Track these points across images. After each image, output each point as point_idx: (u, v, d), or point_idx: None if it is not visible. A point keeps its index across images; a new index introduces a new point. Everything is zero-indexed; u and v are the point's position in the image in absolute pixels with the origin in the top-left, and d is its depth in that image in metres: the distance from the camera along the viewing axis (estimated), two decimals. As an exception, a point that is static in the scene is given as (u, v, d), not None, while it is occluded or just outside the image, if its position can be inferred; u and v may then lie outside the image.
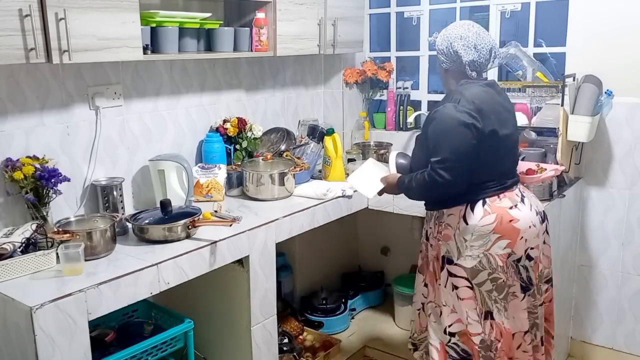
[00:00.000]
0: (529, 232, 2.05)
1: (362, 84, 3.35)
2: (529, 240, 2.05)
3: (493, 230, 2.01)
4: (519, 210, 2.04)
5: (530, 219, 2.06)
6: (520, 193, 2.10)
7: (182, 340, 2.13)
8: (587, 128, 2.55)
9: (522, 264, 2.06)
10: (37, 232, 1.91)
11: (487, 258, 2.02)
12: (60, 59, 1.85)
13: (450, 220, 2.08)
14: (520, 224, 2.03)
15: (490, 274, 2.03)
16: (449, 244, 2.08)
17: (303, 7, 2.74)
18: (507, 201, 2.04)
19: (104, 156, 2.35)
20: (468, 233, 2.03)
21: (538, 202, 2.17)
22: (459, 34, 2.03)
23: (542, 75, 2.73)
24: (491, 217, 2.01)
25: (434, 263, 2.16)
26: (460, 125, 1.93)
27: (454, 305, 2.10)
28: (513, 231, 2.02)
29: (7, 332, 1.70)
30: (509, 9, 2.96)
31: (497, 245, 2.02)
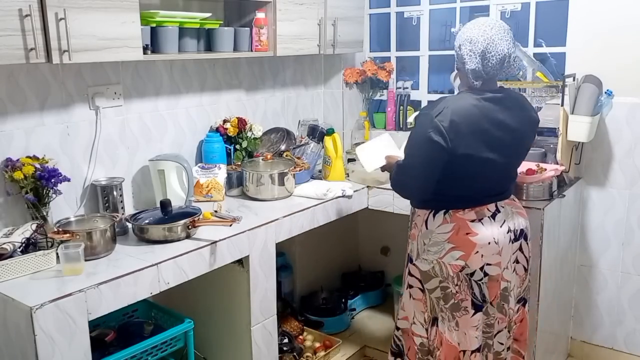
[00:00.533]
0: (487, 248, 1.99)
1: (362, 84, 3.35)
2: (486, 256, 1.99)
3: (447, 239, 2.00)
4: (481, 224, 1.99)
5: (493, 236, 1.99)
6: (495, 208, 2.02)
7: (182, 340, 2.13)
8: (587, 128, 2.55)
9: (475, 278, 2.01)
10: (37, 232, 1.91)
11: (439, 265, 2.02)
12: (60, 59, 1.85)
13: (417, 221, 2.11)
14: (478, 238, 1.98)
15: (441, 282, 2.04)
16: (413, 243, 2.13)
17: (303, 7, 2.74)
18: (471, 214, 2.00)
19: (104, 156, 2.35)
20: (427, 237, 2.05)
21: (520, 221, 2.09)
22: (470, 37, 1.91)
23: (542, 75, 2.73)
24: (448, 227, 2.00)
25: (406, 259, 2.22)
26: (426, 139, 1.89)
27: (404, 303, 2.17)
28: (468, 244, 1.98)
29: (7, 332, 1.70)
30: (509, 9, 2.96)
31: (450, 255, 2.00)
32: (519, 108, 2.02)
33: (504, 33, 1.91)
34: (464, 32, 1.95)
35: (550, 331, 2.69)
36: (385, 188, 2.80)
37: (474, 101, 1.91)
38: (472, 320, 2.03)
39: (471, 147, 1.89)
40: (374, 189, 2.84)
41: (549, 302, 2.58)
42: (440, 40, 3.33)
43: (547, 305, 2.54)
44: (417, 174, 1.97)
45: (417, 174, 1.97)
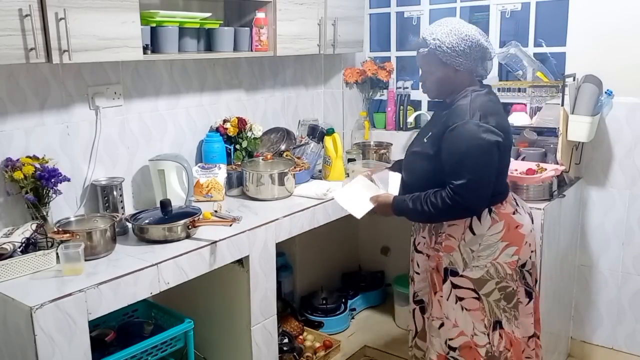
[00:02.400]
0: (531, 236, 2.04)
1: (362, 84, 3.35)
2: (532, 244, 2.04)
3: (501, 238, 1.96)
4: (520, 215, 2.02)
5: (530, 223, 2.06)
6: (512, 197, 2.08)
7: (182, 340, 2.13)
8: (587, 128, 2.55)
9: (527, 268, 2.03)
10: (37, 232, 1.91)
11: (494, 267, 1.97)
12: (60, 59, 1.85)
13: (452, 231, 1.99)
14: (524, 229, 2.01)
15: (498, 282, 1.98)
16: (452, 255, 2.00)
17: (303, 7, 2.74)
18: (509, 207, 2.01)
19: (104, 156, 2.35)
20: (475, 243, 1.97)
21: (525, 203, 2.17)
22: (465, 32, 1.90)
23: (542, 75, 2.73)
24: (499, 225, 1.97)
25: (433, 275, 2.08)
26: (488, 145, 1.85)
27: (456, 319, 2.02)
28: (519, 237, 1.99)
29: (7, 332, 1.70)
30: (509, 9, 2.96)
31: (505, 254, 1.97)
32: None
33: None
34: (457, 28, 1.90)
35: (551, 331, 2.68)
36: (385, 188, 2.80)
37: (486, 97, 1.96)
38: (527, 308, 2.04)
39: (510, 137, 1.97)
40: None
41: (549, 302, 2.58)
42: (440, 40, 3.32)
43: (547, 305, 2.54)
44: (488, 182, 1.89)
45: (488, 182, 1.89)
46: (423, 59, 1.99)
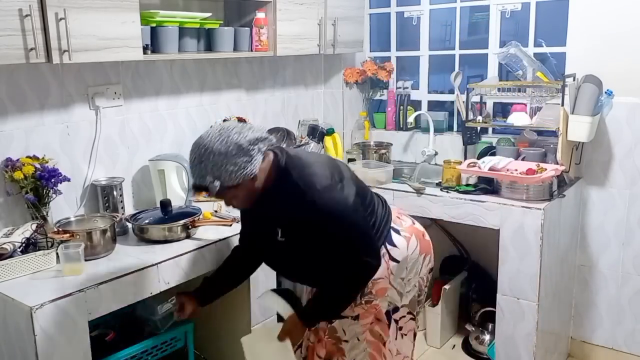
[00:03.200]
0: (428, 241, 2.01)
1: (362, 84, 3.35)
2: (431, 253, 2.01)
3: (419, 252, 1.90)
4: (418, 223, 1.99)
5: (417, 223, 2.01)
6: (398, 209, 2.02)
7: (182, 340, 2.13)
8: (587, 128, 2.54)
9: (432, 274, 2.04)
10: (37, 232, 1.91)
11: (421, 280, 1.94)
12: (60, 59, 1.85)
13: (379, 272, 1.79)
14: (427, 235, 1.99)
15: (419, 295, 1.96)
16: (388, 295, 1.85)
17: (303, 7, 2.74)
18: (406, 219, 1.96)
19: (104, 156, 2.35)
20: (403, 270, 1.85)
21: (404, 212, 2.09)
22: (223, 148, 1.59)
23: (542, 75, 2.73)
24: (414, 240, 1.89)
25: (375, 329, 1.85)
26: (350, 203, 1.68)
27: (398, 348, 1.91)
28: (428, 244, 1.97)
29: (7, 332, 1.70)
30: (509, 9, 2.96)
31: (425, 265, 1.94)
32: None
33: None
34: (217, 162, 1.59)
35: (551, 331, 2.69)
36: (385, 188, 2.80)
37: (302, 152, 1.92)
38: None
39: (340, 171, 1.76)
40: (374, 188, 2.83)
41: (549, 302, 2.58)
42: (440, 40, 3.33)
43: (547, 305, 2.54)
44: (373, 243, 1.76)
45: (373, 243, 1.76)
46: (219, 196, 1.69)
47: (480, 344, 2.87)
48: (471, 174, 2.66)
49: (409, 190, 2.74)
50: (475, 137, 2.99)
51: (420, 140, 3.25)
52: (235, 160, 1.59)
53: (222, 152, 1.58)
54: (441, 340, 2.99)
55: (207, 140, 1.62)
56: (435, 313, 2.95)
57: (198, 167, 1.61)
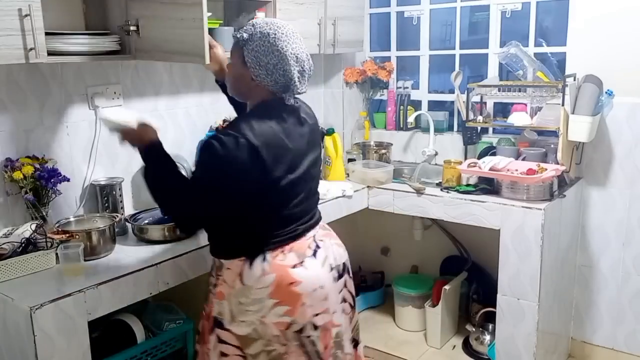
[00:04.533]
0: (314, 297, 1.69)
1: (362, 84, 3.35)
2: (314, 306, 1.70)
3: (269, 295, 1.66)
4: (304, 268, 1.68)
5: (318, 280, 1.70)
6: (315, 241, 1.75)
7: (182, 341, 2.13)
8: (587, 128, 2.54)
9: (305, 334, 1.70)
10: (37, 232, 1.91)
11: (263, 326, 1.68)
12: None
13: (227, 276, 1.70)
14: (302, 287, 1.67)
15: (265, 344, 1.69)
16: (221, 303, 1.72)
17: (303, 7, 2.74)
18: (292, 257, 1.68)
19: (104, 156, 2.34)
20: (244, 295, 1.67)
21: (339, 251, 1.83)
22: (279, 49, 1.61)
23: (542, 75, 2.73)
24: (269, 278, 1.65)
25: (204, 322, 1.80)
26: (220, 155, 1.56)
27: None
28: (293, 296, 1.66)
29: (7, 332, 1.70)
30: (509, 9, 2.96)
31: (274, 313, 1.66)
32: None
33: None
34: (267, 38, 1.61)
35: (551, 331, 2.68)
36: (385, 188, 2.80)
37: (270, 122, 1.65)
38: None
39: (279, 170, 1.63)
40: (374, 189, 2.84)
41: (549, 302, 2.58)
42: (440, 40, 3.32)
43: (547, 305, 2.54)
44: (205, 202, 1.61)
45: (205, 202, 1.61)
46: (232, 46, 1.72)
47: (481, 344, 2.87)
48: (471, 174, 2.66)
49: (409, 190, 2.74)
50: (475, 137, 2.99)
51: (420, 140, 3.24)
52: (265, 59, 1.61)
53: (275, 44, 1.60)
54: (441, 341, 2.99)
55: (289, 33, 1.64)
56: (435, 313, 2.95)
57: (261, 23, 1.65)
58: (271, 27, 1.62)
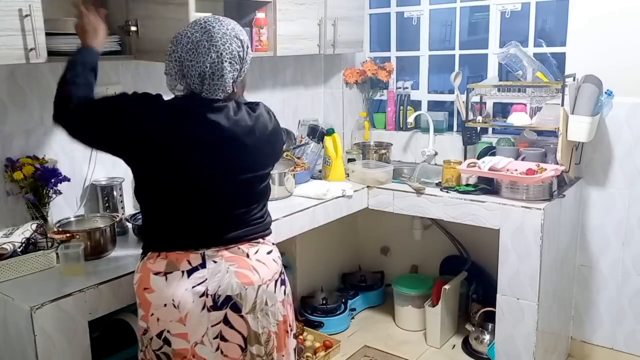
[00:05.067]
0: (164, 312, 1.56)
1: (362, 84, 3.35)
2: (164, 321, 1.57)
3: (136, 294, 1.62)
4: (163, 280, 1.56)
5: (172, 297, 1.55)
6: (201, 261, 1.57)
7: (182, 340, 2.12)
8: (587, 128, 2.54)
9: (154, 347, 1.60)
10: (37, 232, 1.91)
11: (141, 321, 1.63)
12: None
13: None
14: (152, 297, 1.57)
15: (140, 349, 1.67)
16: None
17: (303, 7, 2.74)
18: (161, 264, 1.57)
19: (104, 156, 2.33)
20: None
21: (232, 281, 1.58)
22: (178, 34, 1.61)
23: (542, 75, 2.73)
24: (136, 277, 1.62)
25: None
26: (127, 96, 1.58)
27: None
28: (145, 302, 1.59)
29: (7, 332, 1.70)
30: (509, 9, 2.96)
31: (138, 313, 1.63)
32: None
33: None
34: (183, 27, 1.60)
35: (551, 331, 2.69)
36: (385, 188, 2.80)
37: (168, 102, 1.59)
38: None
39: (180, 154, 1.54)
40: (374, 189, 2.84)
41: (549, 302, 2.58)
42: (440, 40, 3.33)
43: (547, 305, 2.54)
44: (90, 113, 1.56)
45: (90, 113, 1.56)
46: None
47: (480, 344, 2.87)
48: (471, 174, 2.66)
49: (409, 190, 2.74)
50: (475, 137, 2.99)
51: (420, 140, 3.25)
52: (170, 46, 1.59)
53: (181, 31, 1.60)
54: (441, 340, 2.99)
55: (204, 20, 1.61)
56: (435, 313, 2.95)
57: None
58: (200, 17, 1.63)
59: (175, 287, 1.56)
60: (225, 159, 1.58)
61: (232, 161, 1.59)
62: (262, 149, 1.66)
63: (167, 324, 1.57)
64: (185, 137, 1.53)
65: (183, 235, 1.59)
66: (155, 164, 1.55)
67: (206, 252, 1.58)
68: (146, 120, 1.52)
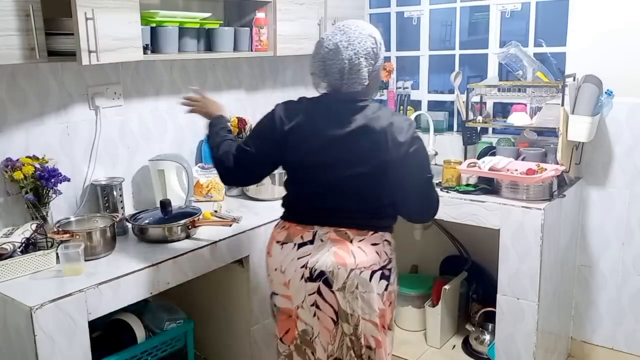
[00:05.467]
0: (275, 275, 1.85)
1: (362, 84, 3.34)
2: (275, 282, 1.86)
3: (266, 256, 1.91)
4: (280, 249, 1.82)
5: (281, 264, 1.82)
6: (311, 237, 1.79)
7: (182, 341, 2.13)
8: (587, 128, 2.54)
9: (272, 300, 1.91)
10: (37, 232, 1.91)
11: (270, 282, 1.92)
12: (89, 60, 1.82)
13: None
14: (271, 261, 1.86)
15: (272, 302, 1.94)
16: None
17: (303, 7, 2.74)
18: (282, 235, 1.84)
19: (104, 156, 2.35)
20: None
21: (327, 259, 1.75)
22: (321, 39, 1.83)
23: (542, 75, 2.73)
24: (267, 241, 1.92)
25: None
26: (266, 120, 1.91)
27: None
28: (267, 265, 1.91)
29: (7, 332, 1.70)
30: (509, 9, 2.96)
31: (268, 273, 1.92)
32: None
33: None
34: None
35: (551, 331, 2.69)
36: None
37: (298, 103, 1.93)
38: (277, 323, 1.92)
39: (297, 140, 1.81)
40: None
41: (549, 302, 2.58)
42: (440, 40, 3.33)
43: (547, 305, 2.54)
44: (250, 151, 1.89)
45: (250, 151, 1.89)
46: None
47: (480, 344, 2.87)
48: (471, 174, 2.66)
49: (409, 190, 2.73)
50: (475, 137, 2.99)
51: (420, 140, 3.24)
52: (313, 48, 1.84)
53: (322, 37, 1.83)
54: (441, 340, 2.99)
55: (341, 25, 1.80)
56: (435, 313, 2.95)
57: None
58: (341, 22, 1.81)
59: (285, 255, 1.81)
60: (350, 152, 1.75)
61: (353, 154, 1.76)
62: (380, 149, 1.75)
63: (277, 285, 1.85)
64: (318, 132, 1.78)
65: (304, 212, 1.84)
66: (293, 156, 1.82)
67: (318, 231, 1.79)
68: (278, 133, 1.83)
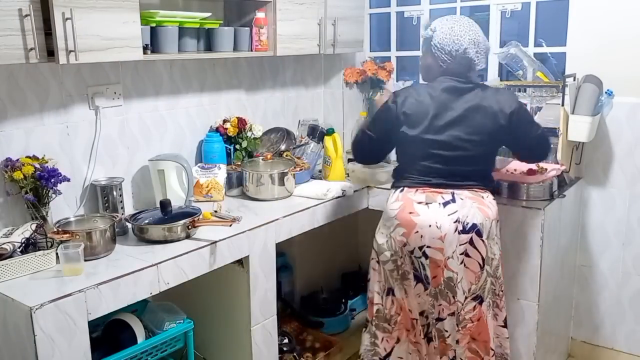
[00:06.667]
0: (427, 231, 2.09)
1: (362, 84, 3.34)
2: (426, 237, 2.09)
3: (395, 216, 2.15)
4: (427, 208, 2.11)
5: (436, 221, 2.09)
6: (451, 197, 2.13)
7: (182, 341, 2.13)
8: (587, 128, 2.54)
9: (415, 255, 2.13)
10: (37, 232, 1.91)
11: (391, 240, 2.17)
12: (67, 59, 1.84)
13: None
14: (419, 219, 2.10)
15: (392, 255, 2.18)
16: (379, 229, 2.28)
17: (303, 7, 2.74)
18: (420, 196, 2.14)
19: (104, 156, 2.34)
20: (385, 212, 2.23)
21: (476, 216, 2.11)
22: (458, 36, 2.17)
23: (542, 75, 2.73)
24: (397, 204, 2.16)
25: None
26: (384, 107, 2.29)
27: (370, 275, 2.32)
28: (410, 223, 2.11)
29: (7, 332, 1.70)
30: (509, 9, 2.95)
31: (396, 231, 2.15)
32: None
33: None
34: (447, 30, 2.18)
35: (551, 331, 2.68)
36: (385, 188, 2.79)
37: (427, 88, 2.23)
38: (416, 290, 2.18)
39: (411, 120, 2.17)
40: (374, 189, 2.84)
41: (549, 302, 2.58)
42: (440, 40, 3.32)
43: (547, 305, 2.54)
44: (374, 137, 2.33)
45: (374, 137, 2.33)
46: (422, 42, 2.32)
47: (481, 344, 2.87)
48: (471, 174, 2.65)
49: (409, 190, 2.74)
50: (475, 137, 2.98)
51: (420, 140, 3.24)
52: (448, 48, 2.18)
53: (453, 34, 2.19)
54: (441, 341, 2.99)
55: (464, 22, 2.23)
56: (435, 313, 2.94)
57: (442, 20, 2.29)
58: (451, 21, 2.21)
59: (435, 213, 2.09)
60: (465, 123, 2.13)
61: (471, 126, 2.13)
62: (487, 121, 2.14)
63: (427, 240, 2.09)
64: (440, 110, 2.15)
65: (430, 179, 2.16)
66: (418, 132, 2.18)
67: (455, 191, 2.12)
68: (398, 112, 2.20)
